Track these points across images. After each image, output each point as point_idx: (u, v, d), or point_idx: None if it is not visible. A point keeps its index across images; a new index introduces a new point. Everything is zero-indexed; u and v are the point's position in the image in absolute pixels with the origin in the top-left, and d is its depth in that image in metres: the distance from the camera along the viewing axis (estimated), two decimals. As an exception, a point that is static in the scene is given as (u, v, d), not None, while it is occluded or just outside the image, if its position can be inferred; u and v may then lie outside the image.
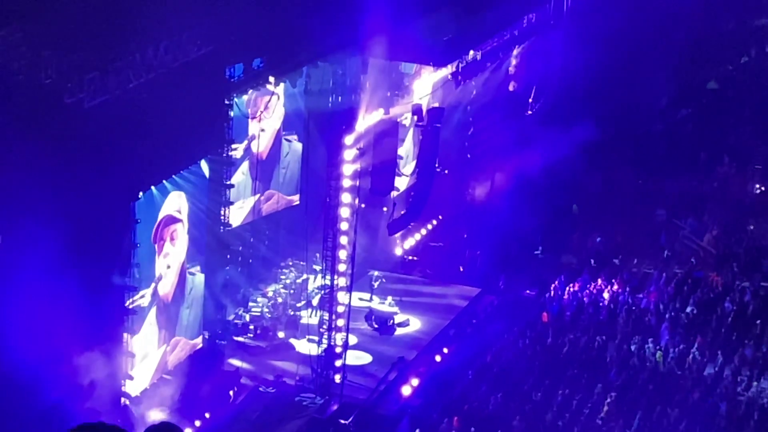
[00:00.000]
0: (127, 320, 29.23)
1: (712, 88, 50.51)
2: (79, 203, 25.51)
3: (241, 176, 34.72)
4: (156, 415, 30.09)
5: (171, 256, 31.39)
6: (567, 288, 41.58)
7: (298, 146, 37.35)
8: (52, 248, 24.46)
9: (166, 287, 31.49)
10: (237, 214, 34.69)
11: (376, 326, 38.35)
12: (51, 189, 24.76)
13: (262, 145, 35.73)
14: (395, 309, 39.45)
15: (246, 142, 34.80)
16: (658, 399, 34.65)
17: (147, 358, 30.90)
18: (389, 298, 39.79)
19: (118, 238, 27.91)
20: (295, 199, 37.78)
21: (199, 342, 33.40)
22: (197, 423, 31.54)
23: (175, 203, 31.12)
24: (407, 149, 41.52)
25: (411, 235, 43.79)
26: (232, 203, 33.60)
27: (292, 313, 37.59)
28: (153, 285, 30.66)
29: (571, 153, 43.20)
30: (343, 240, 34.64)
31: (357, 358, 36.47)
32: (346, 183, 34.43)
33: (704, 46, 49.94)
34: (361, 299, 38.95)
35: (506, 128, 45.02)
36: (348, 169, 34.35)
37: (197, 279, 32.91)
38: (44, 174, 24.53)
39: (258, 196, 36.22)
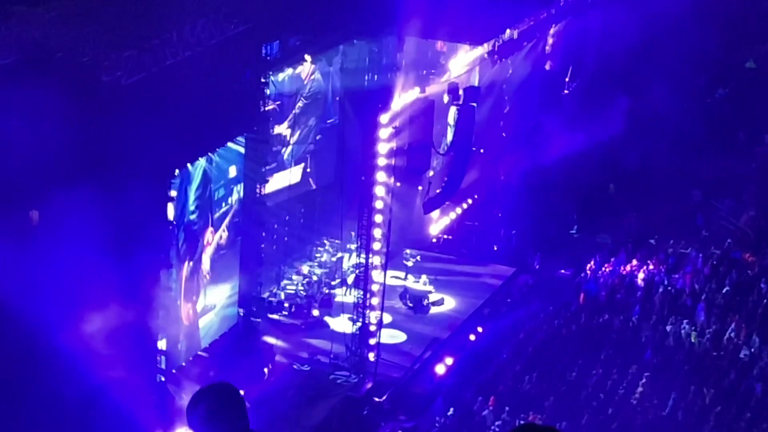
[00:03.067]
0: (162, 297, 29.34)
1: (750, 67, 50.14)
2: (116, 180, 25.59)
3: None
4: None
5: (209, 234, 31.54)
6: (602, 268, 41.46)
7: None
8: (89, 224, 24.54)
9: (205, 264, 31.62)
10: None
11: (410, 305, 38.35)
12: (88, 166, 24.85)
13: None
14: (430, 288, 39.44)
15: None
16: (693, 380, 34.53)
17: (182, 335, 31.05)
18: (423, 277, 39.78)
19: (154, 214, 27.99)
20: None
21: (233, 319, 33.52)
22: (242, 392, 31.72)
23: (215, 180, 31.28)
24: (443, 128, 41.44)
25: (446, 214, 43.74)
26: (267, 181, 33.68)
27: (326, 291, 37.68)
28: (189, 262, 30.79)
29: (608, 132, 43.04)
30: (378, 219, 34.64)
31: (391, 336, 36.51)
32: (382, 162, 34.41)
33: (743, 25, 49.54)
34: (395, 278, 38.94)
35: (543, 107, 44.86)
36: (383, 147, 34.33)
37: (233, 257, 33.02)
38: (81, 151, 24.61)
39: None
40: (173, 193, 29.02)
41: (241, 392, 7.93)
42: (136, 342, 27.68)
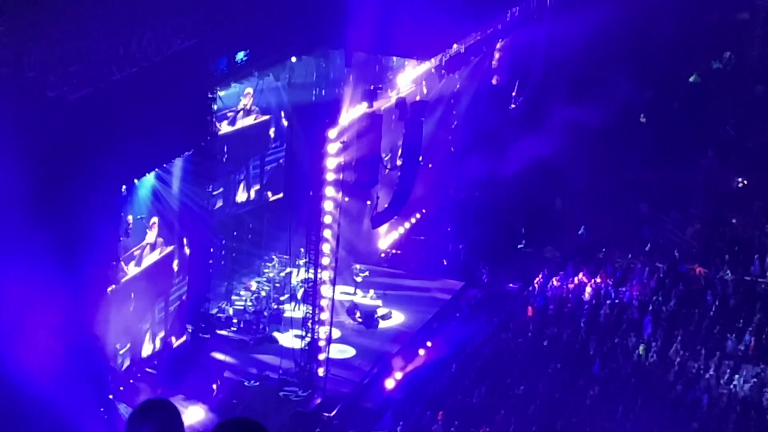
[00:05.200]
0: (110, 312, 29.14)
1: (694, 81, 50.57)
2: (63, 197, 25.44)
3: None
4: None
5: (152, 249, 31.41)
6: (550, 282, 41.64)
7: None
8: (36, 243, 24.39)
9: (149, 279, 31.46)
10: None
11: (360, 320, 38.35)
12: (34, 183, 24.67)
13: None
14: (378, 302, 39.47)
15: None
16: (640, 392, 34.76)
17: (128, 350, 30.87)
18: (371, 292, 39.80)
19: (101, 231, 27.80)
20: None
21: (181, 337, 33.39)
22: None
23: (158, 196, 31.14)
24: (391, 143, 41.51)
25: (394, 229, 43.79)
26: (214, 196, 33.61)
27: (275, 306, 37.60)
28: (134, 275, 30.65)
29: (554, 146, 43.25)
30: (327, 233, 34.64)
31: (340, 351, 36.49)
32: (330, 176, 34.42)
33: (688, 40, 49.96)
34: (344, 293, 38.94)
35: (490, 122, 45.02)
36: (331, 162, 34.35)
37: (181, 278, 32.90)
38: (27, 168, 24.42)
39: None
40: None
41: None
42: (84, 359, 27.48)
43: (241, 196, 37.41)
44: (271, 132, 37.98)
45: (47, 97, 25.21)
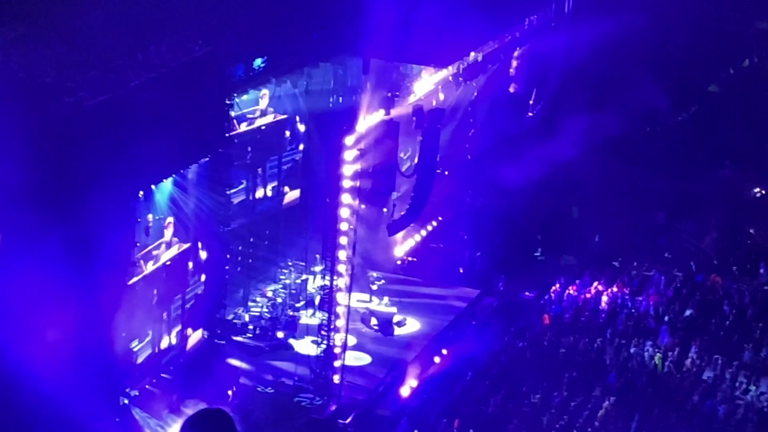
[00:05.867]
0: (127, 310, 29.15)
1: (713, 90, 50.48)
2: (79, 202, 25.50)
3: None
4: (156, 414, 30.14)
5: (168, 247, 31.51)
6: (566, 290, 41.56)
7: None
8: (52, 247, 24.45)
9: (165, 276, 31.55)
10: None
11: (376, 328, 38.36)
12: (51, 188, 24.74)
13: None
14: (393, 309, 39.43)
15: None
16: (656, 402, 34.64)
17: (146, 344, 30.98)
18: (386, 299, 39.77)
19: (117, 235, 27.85)
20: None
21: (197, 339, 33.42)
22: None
23: (175, 200, 31.19)
24: (408, 150, 41.51)
25: (411, 236, 43.76)
26: (231, 202, 33.65)
27: (291, 313, 37.60)
28: (152, 272, 30.74)
29: (571, 155, 43.20)
30: (343, 240, 34.61)
31: (356, 358, 36.44)
32: (347, 183, 34.40)
33: (706, 49, 49.89)
34: (359, 300, 38.92)
35: (507, 130, 44.99)
36: (348, 169, 34.33)
37: (197, 278, 32.93)
38: (44, 173, 24.51)
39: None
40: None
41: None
42: (99, 362, 27.52)
43: (258, 193, 37.49)
44: (287, 133, 38.03)
45: (64, 103, 25.26)
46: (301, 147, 38.51)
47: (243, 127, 35.28)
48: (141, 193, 28.93)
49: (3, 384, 25.19)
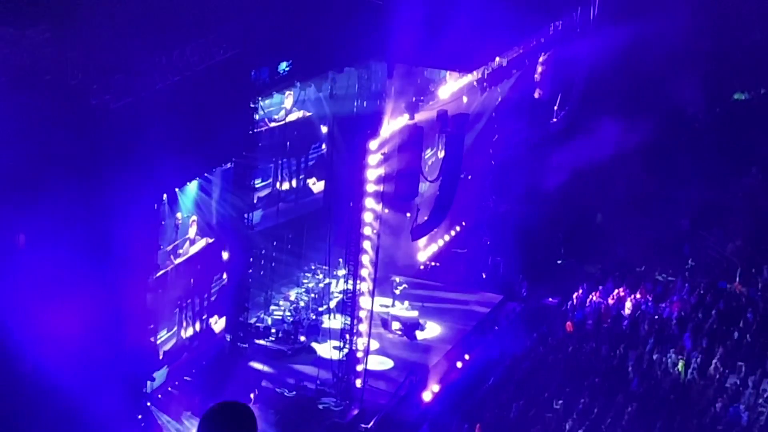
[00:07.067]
0: (149, 321, 29.30)
1: (739, 98, 50.32)
2: (104, 204, 25.58)
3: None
4: (178, 418, 30.22)
5: (192, 243, 31.69)
6: (589, 296, 41.48)
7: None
8: (76, 248, 24.54)
9: (190, 270, 31.71)
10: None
11: (399, 332, 38.37)
12: (76, 189, 24.82)
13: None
14: (414, 313, 39.42)
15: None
16: (679, 409, 34.52)
17: (172, 334, 31.15)
18: (406, 303, 39.74)
19: (141, 238, 27.95)
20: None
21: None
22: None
23: (199, 204, 31.33)
24: (432, 155, 41.54)
25: (434, 241, 43.74)
26: (256, 206, 33.73)
27: (313, 317, 37.63)
28: (177, 265, 30.94)
29: (596, 161, 43.12)
30: (366, 245, 34.62)
31: (379, 363, 36.46)
32: (370, 188, 34.41)
33: (732, 56, 49.74)
34: (382, 305, 38.92)
35: (531, 135, 44.96)
36: (372, 173, 34.34)
37: (220, 282, 33.04)
38: (69, 174, 24.60)
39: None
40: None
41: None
42: (123, 368, 27.60)
43: (284, 186, 37.54)
44: (317, 129, 38.13)
45: (90, 105, 25.36)
46: (323, 147, 38.55)
47: (271, 124, 35.41)
48: (165, 196, 29.03)
49: (28, 383, 25.28)
